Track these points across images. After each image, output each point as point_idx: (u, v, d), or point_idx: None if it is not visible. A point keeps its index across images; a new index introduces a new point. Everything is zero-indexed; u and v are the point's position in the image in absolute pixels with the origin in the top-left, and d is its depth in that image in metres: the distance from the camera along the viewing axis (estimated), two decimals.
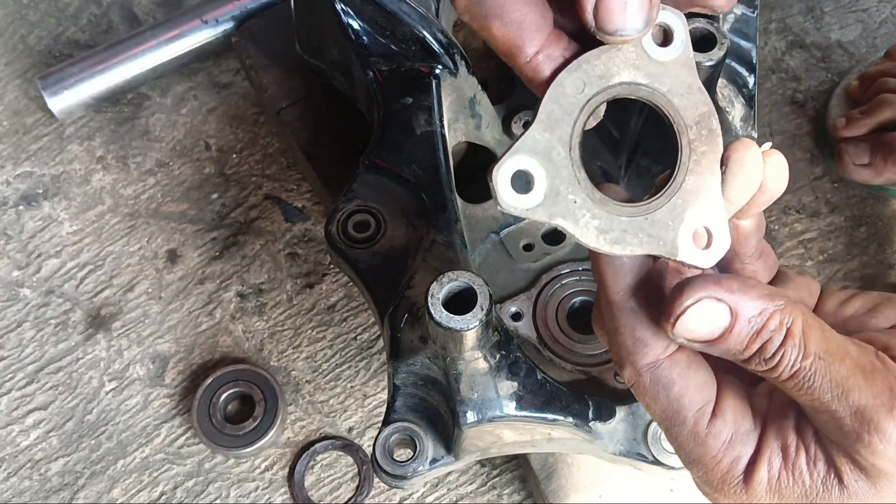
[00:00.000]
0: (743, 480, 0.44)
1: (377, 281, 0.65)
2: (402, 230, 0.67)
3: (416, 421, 0.62)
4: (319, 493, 0.79)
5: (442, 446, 0.62)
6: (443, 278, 0.54)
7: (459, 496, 0.79)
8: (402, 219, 0.67)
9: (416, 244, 0.66)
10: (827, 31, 0.95)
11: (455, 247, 0.65)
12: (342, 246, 0.66)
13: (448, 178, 0.68)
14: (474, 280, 0.54)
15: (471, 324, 0.53)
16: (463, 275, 0.54)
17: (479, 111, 0.76)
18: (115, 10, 0.95)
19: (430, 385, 0.61)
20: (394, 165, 0.68)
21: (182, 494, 0.78)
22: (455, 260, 0.64)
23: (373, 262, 0.66)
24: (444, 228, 0.65)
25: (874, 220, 0.88)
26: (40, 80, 0.87)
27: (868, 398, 0.41)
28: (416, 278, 0.63)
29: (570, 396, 0.61)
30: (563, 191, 0.45)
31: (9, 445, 0.80)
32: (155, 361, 0.82)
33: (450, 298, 0.54)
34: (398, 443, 0.61)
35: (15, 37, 0.94)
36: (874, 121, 0.84)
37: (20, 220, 0.87)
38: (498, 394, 0.59)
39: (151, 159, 0.89)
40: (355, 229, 0.66)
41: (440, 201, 0.66)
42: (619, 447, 0.62)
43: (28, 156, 0.89)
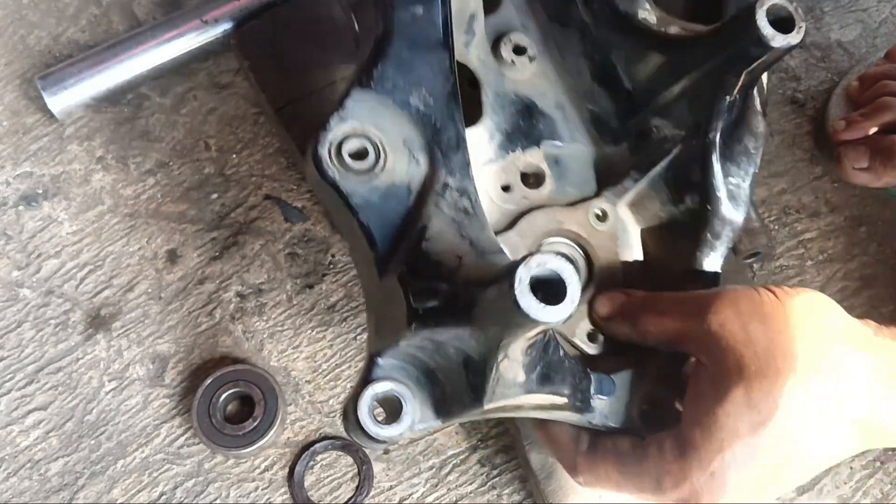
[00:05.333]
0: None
1: (375, 221, 0.57)
2: (405, 164, 0.59)
3: (403, 380, 0.56)
4: (319, 493, 0.79)
5: (430, 409, 0.57)
6: (531, 261, 0.48)
7: (459, 496, 0.79)
8: (405, 151, 0.59)
9: (421, 185, 0.59)
10: (827, 30, 0.95)
11: (469, 194, 0.59)
12: (335, 174, 0.57)
13: (460, 111, 0.61)
14: (564, 269, 0.49)
15: (561, 318, 0.48)
16: (552, 260, 0.48)
17: (475, 28, 0.70)
18: (115, 10, 0.95)
19: (443, 352, 0.56)
20: (402, 86, 0.59)
21: (182, 494, 0.78)
22: (472, 212, 0.58)
23: (370, 198, 0.57)
24: (457, 170, 0.59)
25: (874, 220, 0.88)
26: (40, 80, 0.87)
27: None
28: (430, 229, 0.56)
29: (581, 372, 0.59)
30: None
31: (9, 445, 0.80)
32: (155, 361, 0.82)
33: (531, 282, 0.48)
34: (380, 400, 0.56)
35: (15, 37, 0.94)
36: (874, 124, 0.84)
37: (20, 220, 0.87)
38: (528, 374, 0.55)
39: (151, 159, 0.89)
40: (352, 156, 0.57)
41: (453, 138, 0.59)
42: (605, 420, 0.61)
43: (28, 156, 0.89)
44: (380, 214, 0.57)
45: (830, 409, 0.54)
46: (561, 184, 0.71)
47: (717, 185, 0.65)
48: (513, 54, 0.72)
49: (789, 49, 0.60)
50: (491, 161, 0.69)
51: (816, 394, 0.54)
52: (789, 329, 0.55)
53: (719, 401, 0.55)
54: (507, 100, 0.71)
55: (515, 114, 0.71)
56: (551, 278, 0.48)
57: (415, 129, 0.60)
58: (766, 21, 0.59)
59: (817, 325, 0.55)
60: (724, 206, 0.66)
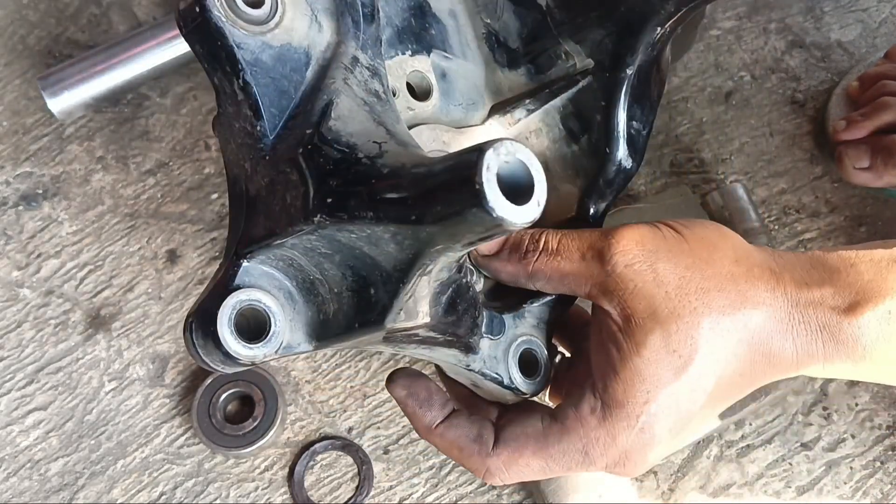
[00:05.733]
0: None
1: (264, 87, 0.47)
2: (305, 25, 0.49)
3: (272, 291, 0.47)
4: (319, 493, 0.79)
5: (301, 331, 0.48)
6: (500, 147, 0.40)
7: (459, 496, 0.79)
8: (306, 8, 0.49)
9: (323, 55, 0.49)
10: (827, 30, 0.95)
11: (381, 77, 0.50)
12: (221, 16, 0.46)
13: None
14: (533, 162, 0.41)
15: (528, 220, 0.41)
16: (521, 151, 0.40)
17: None
18: (115, 10, 0.95)
19: (336, 259, 0.47)
20: None
21: (182, 494, 0.78)
22: (383, 97, 0.49)
23: (261, 57, 0.47)
24: (369, 46, 0.50)
25: (874, 220, 0.88)
26: (40, 80, 0.87)
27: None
28: (338, 105, 0.47)
29: (481, 306, 0.53)
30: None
31: (9, 445, 0.80)
32: (155, 361, 0.82)
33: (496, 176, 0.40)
34: (244, 312, 0.46)
35: (15, 37, 0.94)
36: (874, 124, 0.84)
37: (20, 220, 0.87)
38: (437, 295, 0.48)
39: (151, 159, 0.89)
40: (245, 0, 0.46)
41: (368, 6, 0.51)
42: (481, 365, 0.55)
43: (28, 156, 0.89)
44: (270, 78, 0.47)
45: (741, 343, 0.52)
46: (446, 101, 0.62)
47: (620, 126, 0.60)
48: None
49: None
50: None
51: (729, 329, 0.52)
52: (697, 264, 0.52)
53: (637, 350, 0.51)
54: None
55: (408, 10, 0.61)
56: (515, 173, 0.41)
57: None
58: None
59: (722, 256, 0.53)
60: (622, 150, 0.60)
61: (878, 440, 0.81)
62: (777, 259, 0.55)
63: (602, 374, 0.53)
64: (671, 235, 0.53)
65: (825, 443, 0.81)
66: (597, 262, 0.53)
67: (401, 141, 0.48)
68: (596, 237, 0.54)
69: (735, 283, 0.52)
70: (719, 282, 0.52)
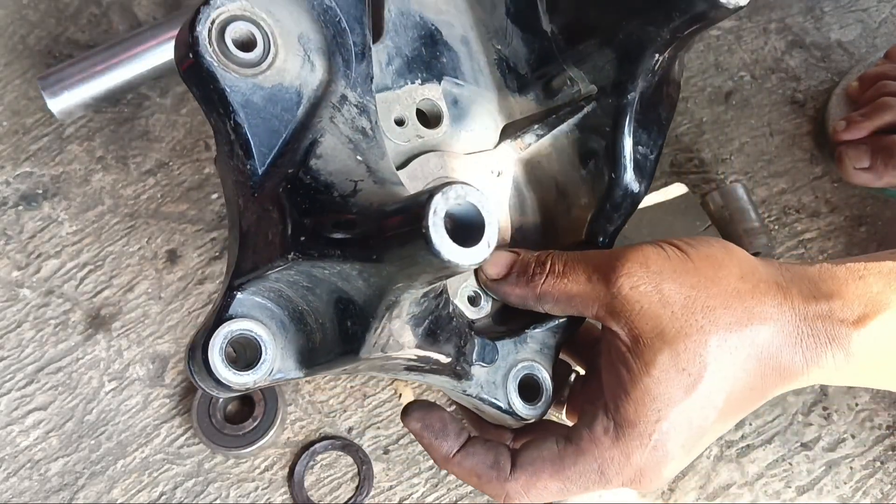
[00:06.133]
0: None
1: (255, 127, 0.48)
2: (297, 65, 0.50)
3: (265, 321, 0.48)
4: (319, 493, 0.79)
5: (292, 357, 0.49)
6: (449, 192, 0.41)
7: (459, 496, 0.79)
8: (299, 49, 0.50)
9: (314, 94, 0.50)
10: (827, 30, 0.95)
11: (369, 114, 0.51)
12: (213, 60, 0.47)
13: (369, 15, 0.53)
14: (484, 204, 0.42)
15: (476, 262, 0.41)
16: (473, 193, 0.41)
17: None
18: (115, 10, 0.95)
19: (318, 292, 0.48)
20: None
21: (182, 494, 0.78)
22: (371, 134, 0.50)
23: (252, 98, 0.48)
24: (359, 84, 0.51)
25: (874, 220, 0.88)
26: (40, 80, 0.87)
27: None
28: (322, 144, 0.48)
29: (468, 334, 0.53)
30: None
31: (9, 445, 0.80)
32: (155, 361, 0.82)
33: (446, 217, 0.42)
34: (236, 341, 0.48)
35: (15, 37, 0.94)
36: (874, 124, 0.84)
37: (20, 220, 0.87)
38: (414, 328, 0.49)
39: (151, 159, 0.89)
40: (237, 44, 0.47)
41: (359, 44, 0.51)
42: (478, 390, 0.55)
43: (28, 156, 0.89)
44: (261, 119, 0.48)
45: (749, 358, 0.53)
46: (457, 127, 0.64)
47: (625, 152, 0.60)
48: None
49: (736, 9, 0.54)
50: (387, 88, 0.61)
51: (737, 345, 0.52)
52: (703, 283, 0.53)
53: (646, 370, 0.52)
54: (412, 21, 0.63)
55: (418, 39, 0.63)
56: (466, 215, 0.42)
57: (314, 26, 0.51)
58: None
59: (727, 274, 0.53)
60: (629, 175, 0.60)
61: (878, 440, 0.81)
62: (784, 273, 0.55)
63: (613, 394, 0.54)
64: (675, 255, 0.54)
65: (825, 443, 0.81)
66: (603, 284, 0.53)
67: (380, 178, 0.49)
68: (601, 259, 0.54)
69: (741, 300, 0.53)
70: (725, 299, 0.53)
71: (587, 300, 0.54)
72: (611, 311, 0.54)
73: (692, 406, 0.52)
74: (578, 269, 0.55)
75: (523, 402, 0.57)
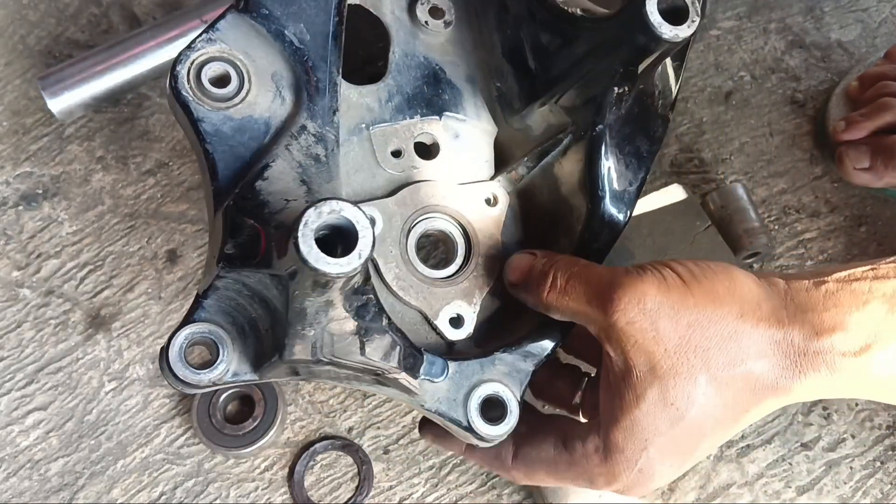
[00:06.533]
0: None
1: (221, 153, 0.54)
2: (268, 99, 0.56)
3: (226, 326, 0.53)
4: (319, 493, 0.79)
5: (248, 362, 0.54)
6: (323, 207, 0.45)
7: (459, 496, 0.79)
8: (271, 85, 0.56)
9: (280, 123, 0.56)
10: (827, 30, 0.95)
11: (327, 143, 0.56)
12: (188, 95, 0.54)
13: (338, 55, 0.58)
14: (359, 219, 0.46)
15: (345, 271, 0.46)
16: (348, 209, 0.46)
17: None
18: (115, 10, 0.95)
19: (257, 299, 0.53)
20: (278, 16, 0.56)
21: (182, 494, 0.78)
22: (324, 160, 0.55)
23: (221, 128, 0.55)
24: (319, 116, 0.56)
25: (874, 220, 0.88)
26: (40, 80, 0.87)
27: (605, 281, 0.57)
28: (272, 168, 0.54)
29: (406, 348, 0.55)
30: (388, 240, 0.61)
31: (9, 445, 0.80)
32: (155, 361, 0.82)
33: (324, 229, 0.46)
34: (196, 343, 0.53)
35: (15, 37, 0.94)
36: (874, 124, 0.84)
37: (20, 220, 0.87)
38: (335, 335, 0.52)
39: (151, 159, 0.89)
40: (211, 81, 0.54)
41: (323, 81, 0.57)
42: (437, 405, 0.58)
43: (28, 156, 0.89)
44: (228, 146, 0.54)
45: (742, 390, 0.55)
46: (456, 159, 0.68)
47: (600, 184, 0.62)
48: (428, 16, 0.69)
49: (680, 43, 0.56)
50: (385, 122, 0.66)
51: (728, 382, 0.54)
52: (700, 321, 0.54)
53: (636, 402, 0.54)
54: (416, 62, 0.68)
55: (421, 78, 0.68)
56: (347, 228, 0.46)
57: (286, 65, 0.57)
58: (657, 9, 0.56)
59: (727, 313, 0.54)
60: (607, 206, 0.62)
61: (878, 440, 0.81)
62: (788, 305, 0.55)
63: (606, 418, 0.56)
64: (676, 287, 0.54)
65: (825, 443, 0.81)
66: (601, 311, 0.55)
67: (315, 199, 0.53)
68: (601, 285, 0.56)
69: (737, 341, 0.54)
70: (720, 340, 0.54)
71: (586, 319, 0.57)
72: (608, 337, 0.55)
73: (679, 435, 0.55)
74: (579, 288, 0.57)
75: (485, 421, 0.58)
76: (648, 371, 0.54)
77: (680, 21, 0.56)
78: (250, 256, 0.51)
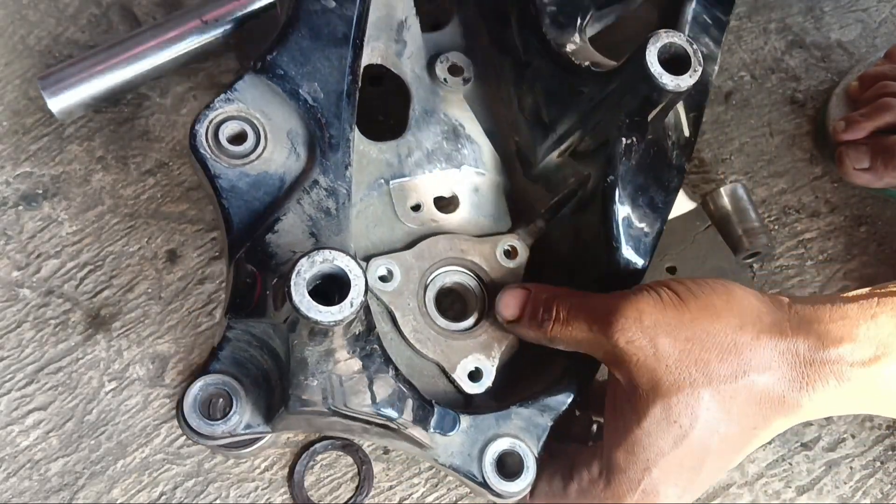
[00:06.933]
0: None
1: (237, 208, 0.56)
2: (284, 156, 0.58)
3: (240, 377, 0.54)
4: (319, 493, 0.79)
5: (260, 414, 0.55)
6: (316, 256, 0.46)
7: (459, 496, 0.79)
8: (286, 142, 0.58)
9: (294, 178, 0.58)
10: (827, 30, 0.95)
11: (338, 196, 0.57)
12: (206, 153, 0.57)
13: (351, 113, 0.60)
14: (351, 267, 0.47)
15: (336, 319, 0.46)
16: (340, 258, 0.47)
17: (406, 37, 0.68)
18: (115, 11, 0.95)
19: (266, 350, 0.54)
20: (293, 76, 0.58)
21: (182, 494, 0.78)
22: (335, 213, 0.57)
23: (237, 184, 0.57)
24: (331, 171, 0.58)
25: (874, 220, 0.88)
26: (40, 80, 0.87)
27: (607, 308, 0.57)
28: (282, 221, 0.55)
29: (416, 400, 0.56)
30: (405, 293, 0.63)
31: (9, 445, 0.80)
32: (155, 361, 0.82)
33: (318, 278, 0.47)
34: (213, 395, 0.55)
35: (15, 37, 0.94)
36: (874, 124, 0.84)
37: (20, 220, 0.87)
38: (340, 385, 0.52)
39: (151, 159, 0.89)
40: (228, 139, 0.57)
41: (336, 137, 0.58)
42: (451, 460, 0.58)
43: (28, 156, 0.89)
44: (244, 201, 0.56)
45: (747, 403, 0.54)
46: (475, 213, 0.69)
47: (615, 234, 0.62)
48: (447, 73, 0.71)
49: (683, 93, 0.57)
50: (404, 177, 0.67)
51: (731, 395, 0.54)
52: (698, 335, 0.54)
53: (638, 420, 0.54)
54: (436, 118, 0.70)
55: (440, 133, 0.70)
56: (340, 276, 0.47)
57: (300, 122, 0.59)
58: (657, 59, 0.56)
59: (725, 325, 0.54)
60: (623, 255, 0.62)
61: (878, 440, 0.81)
62: (793, 317, 0.55)
63: (609, 439, 0.56)
64: (672, 304, 0.55)
65: (825, 443, 0.81)
66: (602, 334, 0.55)
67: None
68: (600, 310, 0.56)
69: (737, 353, 0.54)
70: (720, 352, 0.54)
71: (591, 346, 0.57)
72: (611, 358, 0.56)
73: (682, 454, 0.54)
74: (581, 317, 0.57)
75: (501, 477, 0.58)
76: (651, 389, 0.54)
77: (682, 71, 0.56)
78: (249, 306, 0.53)
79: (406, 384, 0.55)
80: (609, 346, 0.55)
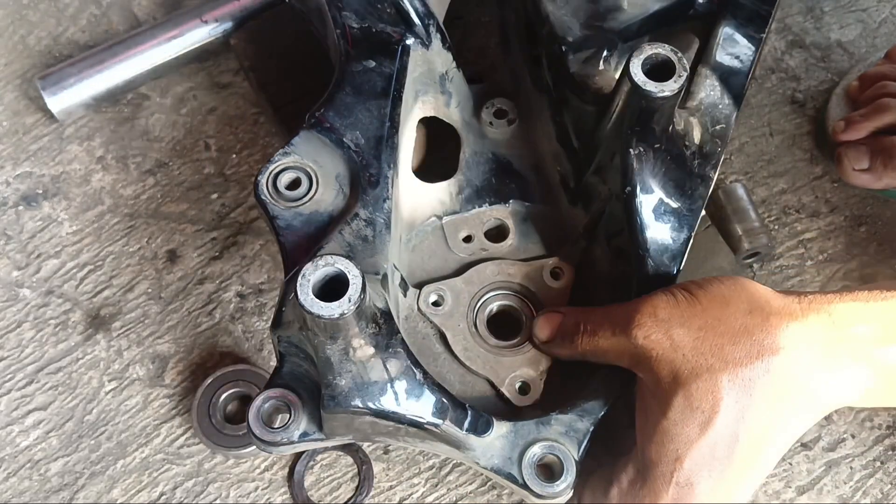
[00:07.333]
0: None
1: (292, 241, 0.65)
2: (332, 196, 0.66)
3: (298, 390, 0.61)
4: (319, 493, 0.79)
5: (315, 422, 0.61)
6: (319, 261, 0.53)
7: (459, 496, 0.79)
8: (335, 184, 0.67)
9: (339, 213, 0.65)
10: (827, 30, 0.95)
11: (376, 225, 0.64)
12: (266, 198, 0.66)
13: (390, 153, 0.67)
14: (350, 268, 0.54)
15: (335, 312, 0.53)
16: (340, 261, 0.54)
17: (450, 88, 0.74)
18: (115, 10, 0.95)
19: (310, 362, 0.60)
20: (338, 128, 0.67)
21: (182, 495, 0.78)
22: (371, 239, 0.64)
23: (292, 222, 0.65)
24: (370, 204, 0.65)
25: (874, 220, 0.88)
26: (40, 80, 0.87)
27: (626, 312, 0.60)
28: (324, 249, 0.63)
29: (446, 402, 0.60)
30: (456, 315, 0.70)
31: (9, 445, 0.80)
32: (155, 361, 0.82)
33: (326, 282, 0.54)
34: (277, 408, 0.61)
35: (15, 37, 0.94)
36: (874, 125, 0.84)
37: (20, 220, 0.87)
38: (367, 385, 0.58)
39: (151, 159, 0.89)
40: (286, 186, 0.66)
41: (374, 175, 0.66)
42: (492, 462, 0.62)
43: (28, 156, 0.89)
44: (298, 236, 0.65)
45: (768, 386, 0.55)
46: (524, 241, 0.74)
47: (641, 243, 0.65)
48: (493, 117, 0.77)
49: (670, 98, 0.61)
50: (455, 213, 0.74)
51: (749, 377, 0.55)
52: (710, 323, 0.56)
53: (663, 412, 0.56)
54: (484, 157, 0.76)
55: (489, 171, 0.76)
56: (339, 278, 0.53)
57: (345, 166, 0.67)
58: (640, 70, 0.60)
59: (735, 311, 0.56)
60: (651, 264, 0.65)
61: (878, 440, 0.81)
62: (803, 303, 0.57)
63: (640, 437, 0.58)
64: (684, 299, 0.58)
65: (825, 443, 0.81)
66: (624, 336, 0.58)
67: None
68: (620, 314, 0.60)
69: (749, 335, 0.55)
70: (732, 336, 0.55)
71: (616, 352, 0.60)
72: (634, 359, 0.58)
73: (711, 441, 0.55)
74: (605, 325, 0.61)
75: (542, 481, 0.61)
76: (672, 380, 0.56)
77: (667, 77, 0.60)
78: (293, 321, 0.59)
79: (434, 385, 0.60)
80: (631, 347, 0.58)
